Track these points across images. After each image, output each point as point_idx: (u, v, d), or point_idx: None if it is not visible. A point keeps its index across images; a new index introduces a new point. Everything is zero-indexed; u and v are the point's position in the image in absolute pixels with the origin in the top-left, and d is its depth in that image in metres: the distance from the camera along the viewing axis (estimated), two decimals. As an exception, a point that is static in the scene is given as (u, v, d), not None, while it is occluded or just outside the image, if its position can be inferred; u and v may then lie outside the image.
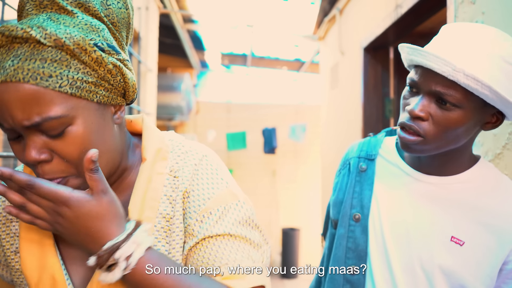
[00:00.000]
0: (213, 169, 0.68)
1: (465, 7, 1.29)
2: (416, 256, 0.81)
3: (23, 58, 0.50)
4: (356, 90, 2.78)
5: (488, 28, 0.76)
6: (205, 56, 5.50)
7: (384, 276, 0.84)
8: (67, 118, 0.52)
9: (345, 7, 3.14)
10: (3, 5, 1.13)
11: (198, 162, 0.67)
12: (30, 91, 0.50)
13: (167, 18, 3.66)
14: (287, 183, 6.04)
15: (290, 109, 6.03)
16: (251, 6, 3.76)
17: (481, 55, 0.72)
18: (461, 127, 0.74)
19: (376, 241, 0.86)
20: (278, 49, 5.09)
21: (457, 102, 0.73)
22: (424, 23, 2.04)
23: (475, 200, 0.81)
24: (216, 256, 0.60)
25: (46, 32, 0.50)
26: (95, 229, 0.53)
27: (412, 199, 0.85)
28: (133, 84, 0.61)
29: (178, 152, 0.69)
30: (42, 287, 0.61)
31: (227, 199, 0.65)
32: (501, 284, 0.79)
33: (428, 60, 0.72)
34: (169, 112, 4.97)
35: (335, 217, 0.95)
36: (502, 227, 0.77)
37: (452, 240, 0.79)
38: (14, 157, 1.86)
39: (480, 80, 0.69)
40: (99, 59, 0.54)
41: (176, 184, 0.65)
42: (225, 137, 5.69)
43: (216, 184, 0.66)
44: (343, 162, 1.01)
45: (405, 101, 0.81)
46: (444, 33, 0.79)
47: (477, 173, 0.83)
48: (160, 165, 0.66)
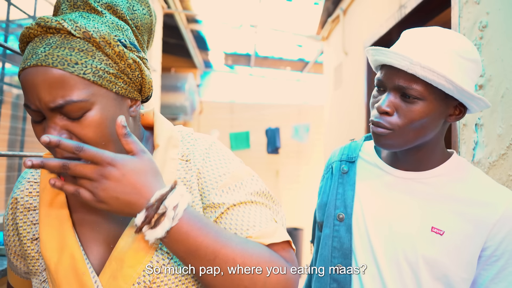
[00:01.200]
0: (223, 152, 0.73)
1: (469, 7, 1.29)
2: (400, 249, 0.84)
3: (54, 46, 0.56)
4: (360, 90, 2.78)
5: (444, 29, 0.83)
6: (209, 56, 5.51)
7: (370, 271, 0.87)
8: (87, 103, 0.57)
9: (348, 8, 3.14)
10: (8, 5, 1.14)
11: (208, 147, 0.72)
12: (57, 74, 0.55)
13: (171, 18, 3.67)
14: (290, 183, 6.03)
15: (294, 109, 6.03)
16: (254, 6, 3.76)
17: (437, 50, 0.79)
18: (425, 118, 0.80)
19: (361, 238, 0.89)
20: (281, 49, 5.09)
21: (419, 95, 0.79)
22: (428, 23, 2.04)
23: (451, 192, 0.85)
24: (243, 220, 0.64)
25: (77, 25, 0.57)
26: (141, 183, 0.55)
27: (392, 195, 0.89)
28: (149, 81, 0.66)
29: (188, 139, 0.73)
30: (61, 266, 0.64)
31: (242, 175, 0.70)
32: (481, 271, 0.82)
33: (389, 57, 0.80)
34: (173, 112, 4.99)
35: (321, 219, 0.99)
36: (478, 216, 0.81)
37: (433, 231, 0.83)
38: (19, 157, 1.88)
39: (436, 70, 0.75)
40: (121, 53, 0.59)
41: (189, 167, 0.69)
42: (228, 137, 5.69)
43: (230, 163, 0.71)
44: (326, 167, 1.06)
45: (373, 99, 0.87)
46: (405, 36, 0.86)
47: (451, 166, 0.88)
48: (172, 151, 0.70)
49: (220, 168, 0.69)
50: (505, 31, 1.11)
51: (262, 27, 4.10)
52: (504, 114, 1.11)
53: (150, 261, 0.62)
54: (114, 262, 0.62)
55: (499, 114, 1.13)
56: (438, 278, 0.82)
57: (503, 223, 0.80)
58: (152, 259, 0.63)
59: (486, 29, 1.19)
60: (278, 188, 6.01)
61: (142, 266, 0.62)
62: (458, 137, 1.35)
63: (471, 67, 0.81)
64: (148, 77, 0.65)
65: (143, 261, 0.62)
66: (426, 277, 0.82)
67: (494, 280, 0.81)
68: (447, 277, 0.81)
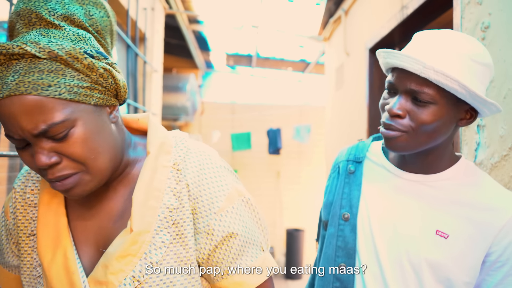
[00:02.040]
0: (218, 168, 0.72)
1: (471, 8, 1.29)
2: (404, 250, 0.84)
3: (22, 73, 0.54)
4: (361, 91, 2.77)
5: (456, 33, 0.82)
6: (210, 57, 5.51)
7: (373, 272, 0.87)
8: (69, 122, 0.57)
9: (350, 8, 3.14)
10: (10, 5, 1.14)
11: (201, 159, 0.72)
12: (33, 101, 0.54)
13: (172, 19, 3.67)
14: (292, 184, 6.03)
15: (295, 110, 6.02)
16: (256, 7, 3.76)
17: (450, 54, 0.78)
18: (437, 122, 0.79)
19: (365, 238, 0.89)
20: (283, 50, 5.09)
21: (431, 99, 0.78)
22: (430, 24, 2.03)
23: (458, 196, 0.85)
24: (236, 255, 0.69)
25: (39, 46, 0.55)
26: None
27: (398, 197, 0.89)
28: (123, 85, 0.66)
29: (181, 146, 0.72)
30: (54, 265, 0.66)
31: (235, 197, 0.70)
32: (485, 277, 0.82)
33: (401, 60, 0.79)
34: (174, 112, 4.99)
35: (326, 218, 0.99)
36: (484, 221, 0.81)
37: (437, 234, 0.83)
38: (21, 157, 1.88)
39: (449, 75, 0.74)
40: (90, 65, 0.58)
41: (179, 177, 0.69)
42: (229, 138, 5.69)
43: (225, 182, 0.71)
44: (333, 166, 1.07)
45: (384, 101, 0.86)
46: (416, 39, 0.85)
47: (459, 170, 0.88)
48: (164, 158, 0.70)
49: (217, 188, 0.69)
50: (507, 32, 1.10)
51: (264, 27, 4.10)
52: (506, 115, 1.10)
53: (133, 270, 0.64)
54: (100, 267, 0.64)
55: (501, 115, 1.12)
56: (441, 282, 0.81)
57: (509, 228, 0.79)
58: (135, 269, 0.64)
59: (488, 30, 1.19)
60: (279, 189, 6.00)
61: (124, 275, 0.63)
62: (460, 138, 1.35)
63: (482, 71, 0.80)
64: (121, 81, 0.65)
65: (126, 270, 0.63)
66: (428, 279, 0.82)
67: (498, 286, 0.80)
68: (450, 281, 0.81)
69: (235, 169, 5.84)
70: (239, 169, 5.85)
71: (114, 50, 3.31)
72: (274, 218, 6.00)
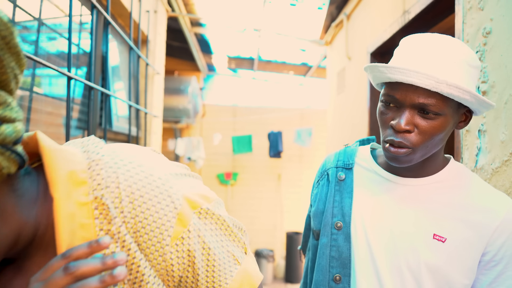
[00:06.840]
0: (156, 182, 0.54)
1: (473, 13, 1.29)
2: (402, 257, 0.83)
3: None
4: (363, 95, 2.78)
5: (447, 37, 0.81)
6: (212, 60, 5.52)
7: (370, 281, 0.86)
8: None
9: (352, 12, 3.14)
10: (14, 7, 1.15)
11: (131, 175, 0.53)
12: None
13: (175, 22, 3.68)
14: (292, 187, 6.03)
15: (296, 113, 6.03)
16: (258, 10, 3.78)
17: (452, 63, 0.78)
18: (444, 131, 0.80)
19: (361, 247, 0.87)
20: (285, 53, 5.10)
21: (439, 110, 0.78)
22: (431, 29, 2.04)
23: (452, 198, 0.85)
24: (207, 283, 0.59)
25: None
26: None
27: (393, 202, 0.88)
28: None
29: (99, 165, 0.52)
30: None
31: (188, 215, 0.56)
32: (479, 276, 0.83)
33: (409, 76, 0.75)
34: (176, 114, 5.00)
35: (317, 227, 0.97)
36: (479, 221, 0.82)
37: (435, 238, 0.82)
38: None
39: (462, 87, 0.74)
40: None
41: (110, 213, 0.51)
42: (231, 141, 5.70)
43: (170, 203, 0.54)
44: (321, 172, 1.03)
45: (385, 116, 0.83)
46: (407, 46, 0.83)
47: (451, 172, 0.88)
48: (78, 193, 0.50)
49: (161, 212, 0.53)
50: (509, 37, 1.11)
51: (266, 31, 4.11)
52: (508, 120, 1.10)
53: None
54: None
55: (502, 121, 1.12)
56: (441, 286, 0.81)
57: (503, 228, 0.80)
58: None
59: (490, 35, 1.19)
60: (280, 192, 6.00)
61: None
62: (461, 143, 1.35)
63: (476, 74, 0.82)
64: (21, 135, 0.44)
65: None
66: (428, 284, 0.81)
67: (492, 285, 0.81)
68: (450, 284, 0.81)
69: (236, 172, 5.84)
70: (240, 172, 5.85)
71: (117, 52, 3.26)
72: (275, 221, 5.99)
